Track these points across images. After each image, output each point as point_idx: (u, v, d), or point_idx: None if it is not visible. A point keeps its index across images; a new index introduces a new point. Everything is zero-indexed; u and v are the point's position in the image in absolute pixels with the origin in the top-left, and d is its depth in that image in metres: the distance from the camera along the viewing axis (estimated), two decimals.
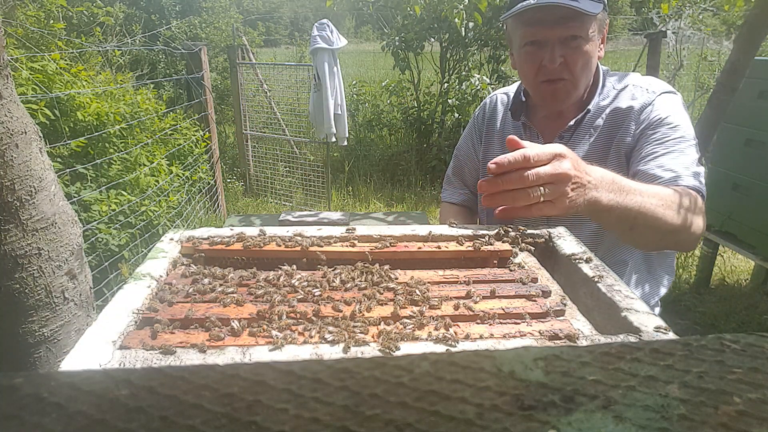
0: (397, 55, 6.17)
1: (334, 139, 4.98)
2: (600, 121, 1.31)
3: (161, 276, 0.85)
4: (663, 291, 1.37)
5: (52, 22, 4.02)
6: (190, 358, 0.62)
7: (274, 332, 0.69)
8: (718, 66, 7.05)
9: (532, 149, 0.91)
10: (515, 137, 0.96)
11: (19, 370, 1.28)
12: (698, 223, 1.10)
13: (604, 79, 1.35)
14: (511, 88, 1.52)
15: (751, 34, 2.64)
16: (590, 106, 1.32)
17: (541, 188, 0.91)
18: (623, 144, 1.27)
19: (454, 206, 1.61)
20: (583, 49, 1.24)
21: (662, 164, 1.17)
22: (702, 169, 1.19)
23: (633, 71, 1.63)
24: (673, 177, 1.14)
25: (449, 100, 6.17)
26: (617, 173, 1.04)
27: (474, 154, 1.55)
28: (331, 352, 0.64)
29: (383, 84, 7.21)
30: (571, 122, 1.33)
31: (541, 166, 0.91)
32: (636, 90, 1.30)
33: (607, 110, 1.31)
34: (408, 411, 0.25)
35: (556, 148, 0.93)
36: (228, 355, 0.62)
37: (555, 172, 0.91)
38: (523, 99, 1.43)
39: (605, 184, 0.98)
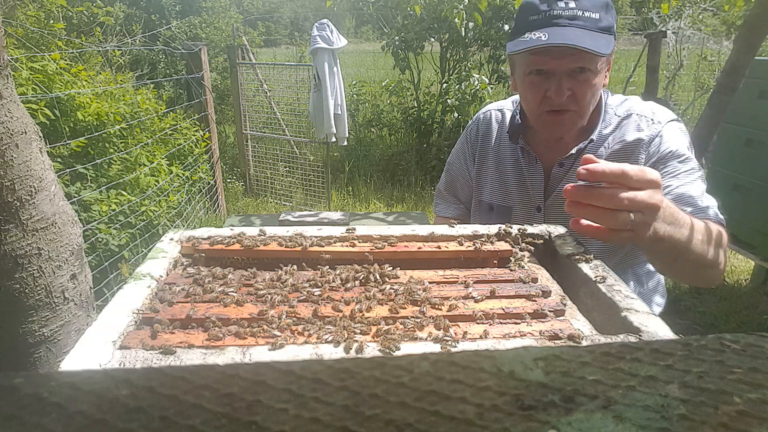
0: (397, 55, 6.17)
1: (334, 139, 4.98)
2: (603, 151, 1.28)
3: (161, 276, 0.85)
4: (656, 310, 1.36)
5: (52, 22, 4.02)
6: (190, 358, 0.62)
7: (274, 332, 0.69)
8: (718, 66, 7.05)
9: (633, 167, 0.84)
10: (592, 156, 0.87)
11: (19, 370, 1.28)
12: (725, 257, 1.08)
13: (606, 105, 1.31)
14: (505, 104, 1.47)
15: (751, 34, 2.64)
16: (593, 136, 1.28)
17: (632, 215, 0.84)
18: None
19: (448, 220, 1.56)
20: (591, 81, 1.19)
21: (684, 194, 1.15)
22: (713, 201, 1.18)
23: (633, 71, 1.61)
24: (699, 209, 1.13)
25: (449, 100, 6.17)
26: None
27: (466, 170, 1.51)
28: (331, 352, 0.64)
29: (383, 84, 7.21)
30: (573, 150, 1.29)
31: (638, 190, 0.84)
32: (641, 120, 1.27)
33: (610, 139, 1.28)
34: (408, 411, 0.25)
35: (654, 174, 0.86)
36: (228, 355, 0.62)
37: (650, 201, 0.84)
38: (519, 121, 1.38)
39: (666, 215, 0.92)
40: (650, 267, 1.37)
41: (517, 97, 1.43)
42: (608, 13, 1.20)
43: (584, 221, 0.86)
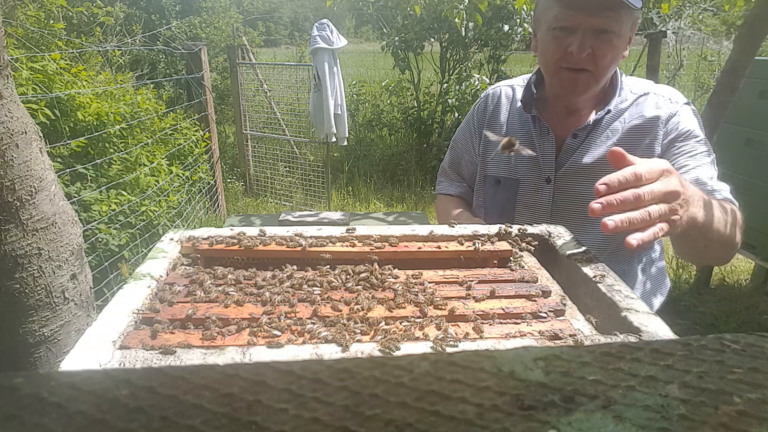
0: (397, 55, 6.17)
1: (334, 139, 4.98)
2: (618, 125, 1.29)
3: (161, 276, 0.85)
4: (658, 301, 1.36)
5: (52, 22, 4.03)
6: (190, 358, 0.62)
7: (274, 332, 0.69)
8: (718, 66, 7.06)
9: (641, 166, 0.86)
10: (620, 149, 0.88)
11: (19, 370, 1.28)
12: (741, 238, 1.12)
13: (621, 82, 1.32)
14: (517, 81, 1.47)
15: (751, 34, 2.64)
16: (610, 107, 1.29)
17: (657, 207, 0.85)
18: (650, 152, 1.25)
19: (452, 197, 1.57)
20: (613, 43, 1.20)
21: (699, 177, 1.17)
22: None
23: (633, 71, 1.61)
24: (714, 190, 1.15)
25: (449, 100, 6.18)
26: None
27: (471, 147, 1.50)
28: (331, 352, 0.64)
29: (383, 84, 7.21)
30: (590, 121, 1.29)
31: (652, 183, 0.85)
32: (659, 99, 1.28)
33: (627, 114, 1.28)
34: (408, 411, 0.25)
35: (663, 164, 0.88)
36: (228, 355, 0.62)
37: (667, 189, 0.86)
38: (534, 91, 1.38)
39: (696, 199, 0.94)
40: (653, 255, 1.36)
41: (527, 75, 1.43)
42: None
43: (635, 241, 0.84)
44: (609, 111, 1.29)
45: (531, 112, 1.37)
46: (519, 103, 1.41)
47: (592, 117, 1.30)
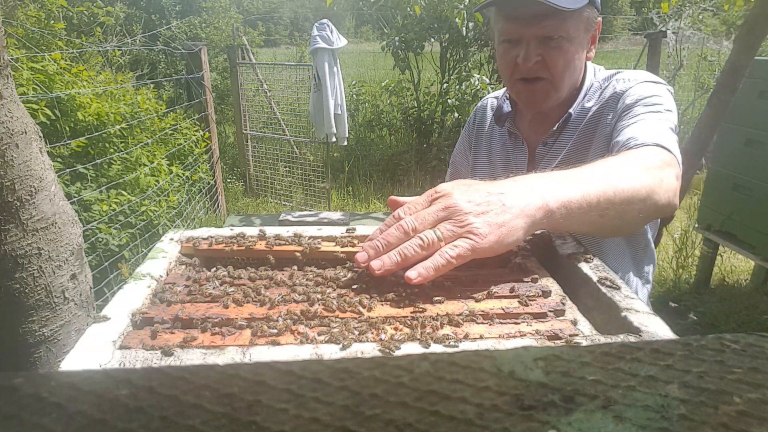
0: (397, 55, 6.17)
1: (334, 139, 4.98)
2: (583, 123, 1.26)
3: (161, 276, 0.85)
4: (648, 289, 1.36)
5: (52, 22, 4.03)
6: (190, 358, 0.62)
7: (274, 332, 0.69)
8: (718, 66, 7.06)
9: (406, 204, 0.78)
10: (394, 197, 0.82)
11: (19, 370, 1.29)
12: (669, 175, 0.94)
13: (592, 81, 1.29)
14: (501, 92, 1.47)
15: (751, 34, 2.64)
16: (571, 110, 1.26)
17: (435, 232, 0.74)
18: (602, 137, 1.21)
19: None
20: (563, 48, 1.17)
21: (624, 133, 1.06)
22: (673, 137, 1.03)
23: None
24: (629, 139, 1.02)
25: (449, 100, 6.18)
26: None
27: (466, 161, 1.52)
28: (331, 352, 0.64)
29: (383, 84, 7.22)
30: (555, 127, 1.28)
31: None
32: (618, 83, 1.23)
33: (592, 110, 1.26)
34: (408, 411, 0.25)
35: (430, 191, 0.79)
36: (228, 355, 0.62)
37: (437, 209, 0.75)
38: (508, 105, 1.39)
39: (540, 183, 0.81)
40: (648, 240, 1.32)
41: None
42: None
43: (414, 272, 0.73)
44: (570, 114, 1.26)
45: (504, 126, 1.38)
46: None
47: (558, 122, 1.28)
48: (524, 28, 1.17)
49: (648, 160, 0.94)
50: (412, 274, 0.73)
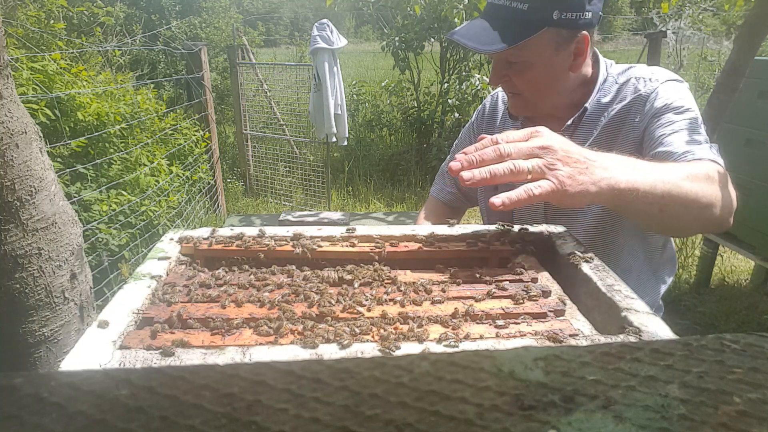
0: (397, 55, 6.17)
1: (334, 139, 4.98)
2: (603, 120, 1.26)
3: (161, 276, 0.85)
4: (664, 288, 1.36)
5: (52, 22, 4.03)
6: (190, 358, 0.62)
7: (273, 332, 0.69)
8: (718, 66, 7.06)
9: (504, 132, 0.84)
10: (485, 135, 0.88)
11: (19, 370, 1.28)
12: (729, 193, 0.99)
13: (606, 75, 1.29)
14: None
15: (751, 34, 2.64)
16: (587, 104, 1.27)
17: (527, 163, 0.79)
18: (629, 139, 1.21)
19: (438, 202, 1.57)
20: (526, 73, 1.19)
21: (671, 143, 1.09)
22: (716, 146, 1.09)
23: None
24: (685, 152, 1.05)
25: (449, 100, 6.18)
26: None
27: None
28: (331, 352, 0.64)
29: (383, 84, 7.22)
30: (569, 122, 1.28)
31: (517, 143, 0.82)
32: (639, 82, 1.24)
33: (611, 107, 1.26)
34: (408, 411, 0.25)
35: (531, 128, 0.85)
36: (228, 355, 0.62)
37: (534, 145, 0.81)
38: None
39: (618, 164, 0.88)
40: (669, 243, 1.33)
41: None
42: (548, 3, 1.13)
43: (498, 199, 0.80)
44: (586, 109, 1.27)
45: (518, 120, 1.38)
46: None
47: (572, 117, 1.29)
48: (487, 51, 1.19)
49: (714, 175, 0.98)
50: (496, 201, 0.80)
